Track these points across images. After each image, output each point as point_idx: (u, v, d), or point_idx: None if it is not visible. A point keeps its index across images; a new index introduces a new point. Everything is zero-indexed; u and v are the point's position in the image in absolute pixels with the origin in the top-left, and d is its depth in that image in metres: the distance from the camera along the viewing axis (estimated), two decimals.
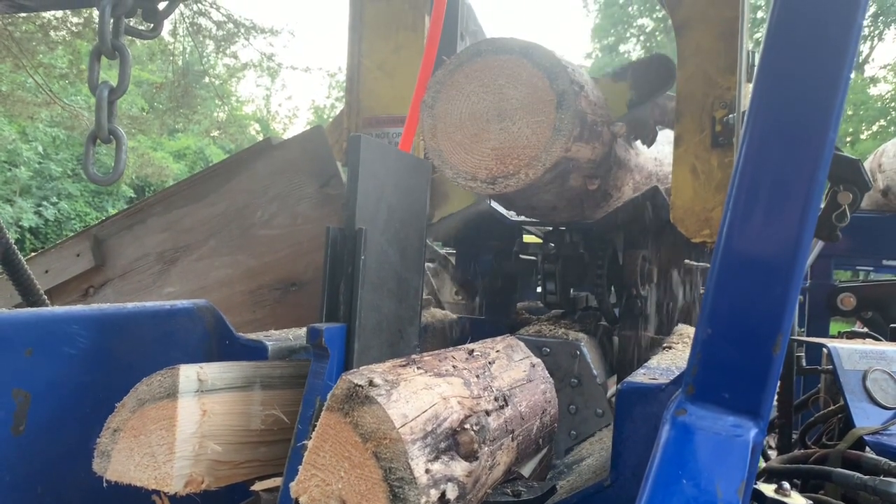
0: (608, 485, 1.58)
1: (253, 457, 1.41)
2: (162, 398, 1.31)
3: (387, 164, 1.52)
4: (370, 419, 1.08)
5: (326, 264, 1.43)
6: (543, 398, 1.68)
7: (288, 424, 1.45)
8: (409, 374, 1.22)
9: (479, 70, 2.02)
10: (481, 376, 1.44)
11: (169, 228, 2.82)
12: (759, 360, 0.82)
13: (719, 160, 2.33)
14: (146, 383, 1.33)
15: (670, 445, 0.77)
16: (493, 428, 1.33)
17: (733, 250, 0.84)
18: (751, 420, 0.83)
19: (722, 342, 0.84)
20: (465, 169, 1.99)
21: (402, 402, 1.12)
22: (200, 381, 1.34)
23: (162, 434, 1.29)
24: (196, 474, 1.30)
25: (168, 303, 1.84)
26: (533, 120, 1.98)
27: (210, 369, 1.38)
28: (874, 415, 2.02)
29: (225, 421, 1.36)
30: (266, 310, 2.72)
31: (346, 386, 1.11)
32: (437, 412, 1.18)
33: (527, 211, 2.54)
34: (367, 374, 1.14)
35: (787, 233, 0.81)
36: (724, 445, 0.78)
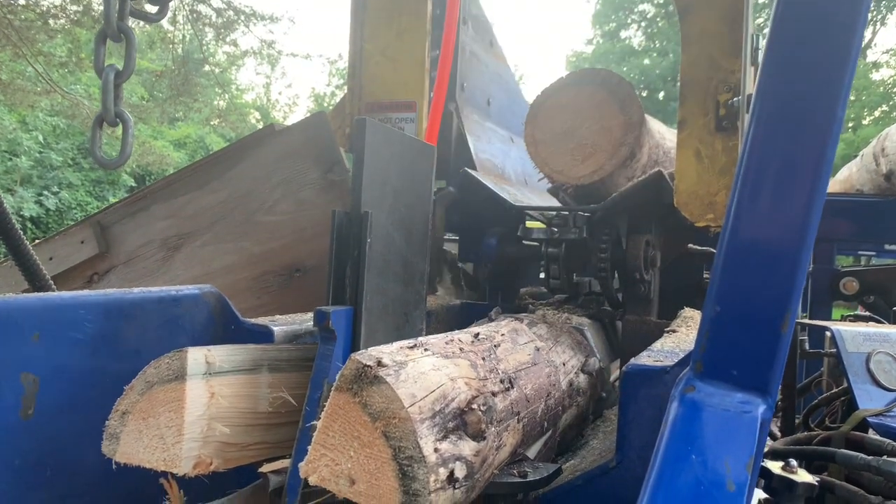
0: (613, 466, 1.59)
1: (261, 439, 1.42)
2: (170, 381, 1.31)
3: (392, 147, 1.52)
4: (379, 399, 1.09)
5: (332, 248, 1.43)
6: (548, 381, 1.69)
7: (295, 407, 1.46)
8: (416, 356, 1.22)
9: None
10: (487, 359, 1.44)
11: (172, 215, 2.82)
12: (767, 338, 0.83)
13: (723, 144, 2.33)
14: (154, 366, 1.34)
15: (679, 422, 0.78)
16: (500, 409, 1.34)
17: (742, 228, 0.84)
18: (759, 397, 0.83)
19: (730, 320, 0.84)
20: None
21: (411, 382, 1.13)
22: (208, 364, 1.35)
23: (170, 416, 1.29)
24: (204, 456, 1.31)
25: (173, 288, 1.84)
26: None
27: (218, 352, 1.39)
28: (877, 397, 2.03)
29: (233, 403, 1.37)
30: (270, 296, 2.73)
31: (355, 366, 1.11)
32: (445, 392, 1.19)
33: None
34: (376, 354, 1.14)
35: (795, 211, 0.81)
36: (733, 422, 0.78)
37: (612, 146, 2.57)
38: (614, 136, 2.58)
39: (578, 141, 2.62)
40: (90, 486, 1.56)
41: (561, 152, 2.65)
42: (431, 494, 1.07)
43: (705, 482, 0.72)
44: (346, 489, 1.11)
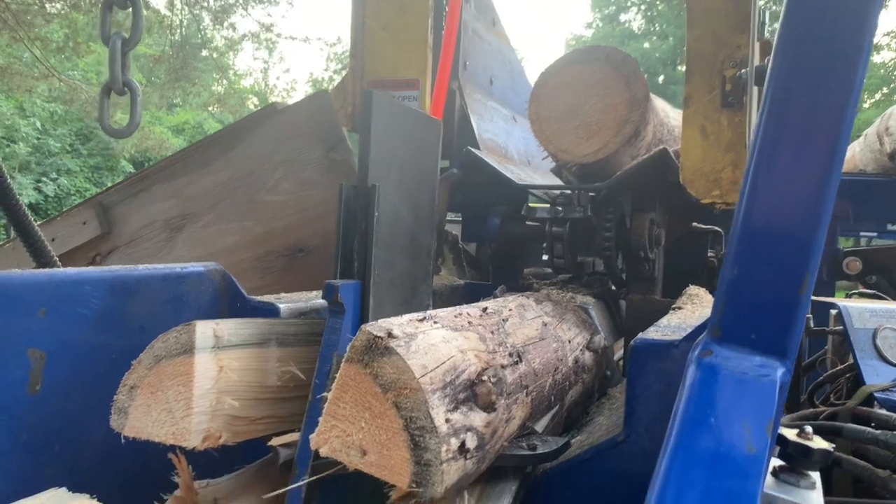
0: (621, 440, 1.58)
1: (270, 413, 1.41)
2: (178, 354, 1.30)
3: (399, 121, 1.50)
4: (390, 370, 1.08)
5: (340, 221, 1.42)
6: (556, 356, 1.69)
7: (304, 381, 1.45)
8: (426, 328, 1.21)
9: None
10: (496, 332, 1.44)
11: (174, 196, 2.81)
12: (786, 301, 0.82)
13: (729, 120, 2.32)
14: (162, 340, 1.33)
15: (696, 386, 0.77)
16: (509, 382, 1.33)
17: (760, 189, 0.83)
18: (777, 360, 0.82)
19: (749, 283, 0.83)
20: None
21: (421, 353, 1.12)
22: (216, 338, 1.34)
23: (179, 390, 1.29)
24: (213, 429, 1.30)
25: (178, 265, 1.83)
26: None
27: (226, 326, 1.38)
28: (884, 372, 2.03)
29: (241, 377, 1.36)
30: (274, 276, 2.73)
31: (366, 337, 1.10)
32: (455, 364, 1.18)
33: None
34: (386, 325, 1.13)
35: (815, 170, 0.80)
36: (752, 385, 0.77)
37: (617, 124, 2.56)
38: (619, 113, 2.56)
39: (583, 119, 2.60)
40: (98, 462, 1.56)
41: (565, 130, 2.63)
42: (443, 464, 1.07)
43: (725, 445, 0.71)
44: (357, 460, 1.11)
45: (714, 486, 0.68)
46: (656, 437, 1.55)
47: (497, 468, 1.41)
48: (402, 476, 1.08)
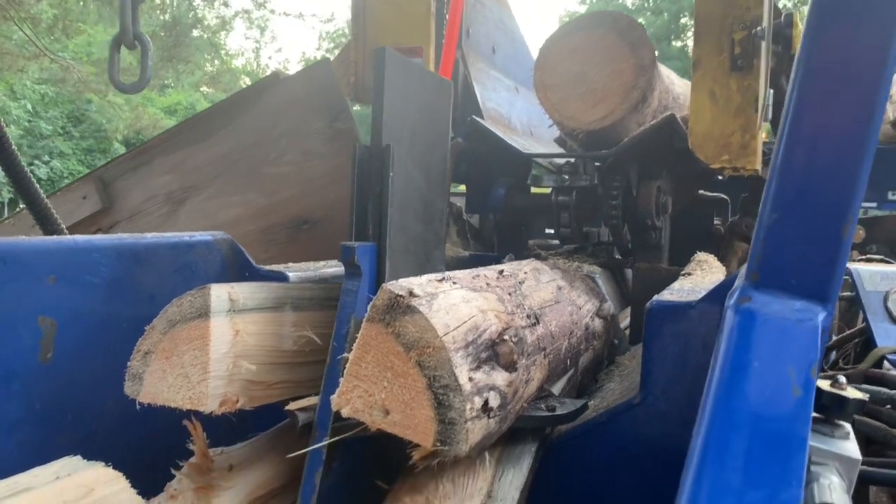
0: (637, 402, 1.57)
1: (286, 377, 1.40)
2: (193, 318, 1.28)
3: (411, 81, 1.47)
4: (412, 328, 1.06)
5: (354, 183, 1.39)
6: (570, 320, 1.67)
7: (320, 346, 1.43)
8: (445, 288, 1.20)
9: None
10: (513, 294, 1.42)
11: (175, 169, 2.78)
12: (827, 243, 0.80)
13: (738, 84, 2.29)
14: (176, 304, 1.31)
15: (736, 332, 0.75)
16: (529, 343, 1.32)
17: (800, 128, 0.81)
18: (818, 304, 0.81)
19: (789, 227, 0.82)
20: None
21: (443, 312, 1.10)
22: (232, 301, 1.32)
23: (195, 354, 1.26)
24: (230, 394, 1.28)
25: (187, 234, 1.81)
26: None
27: (241, 289, 1.36)
28: (895, 335, 2.02)
29: (257, 341, 1.34)
30: (278, 248, 2.70)
31: (387, 296, 1.08)
32: (477, 323, 1.16)
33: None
34: (407, 285, 1.12)
35: (858, 105, 0.78)
36: (793, 329, 0.76)
37: (624, 90, 2.53)
38: (626, 79, 2.53)
39: (589, 85, 2.57)
40: (111, 431, 1.54)
41: (571, 97, 2.60)
42: (468, 423, 1.06)
43: (770, 389, 0.70)
44: (380, 420, 1.09)
45: (762, 430, 0.67)
46: (672, 399, 1.54)
47: (516, 430, 1.40)
48: (427, 435, 1.07)
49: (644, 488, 1.55)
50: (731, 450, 0.65)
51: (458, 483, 1.25)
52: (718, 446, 0.66)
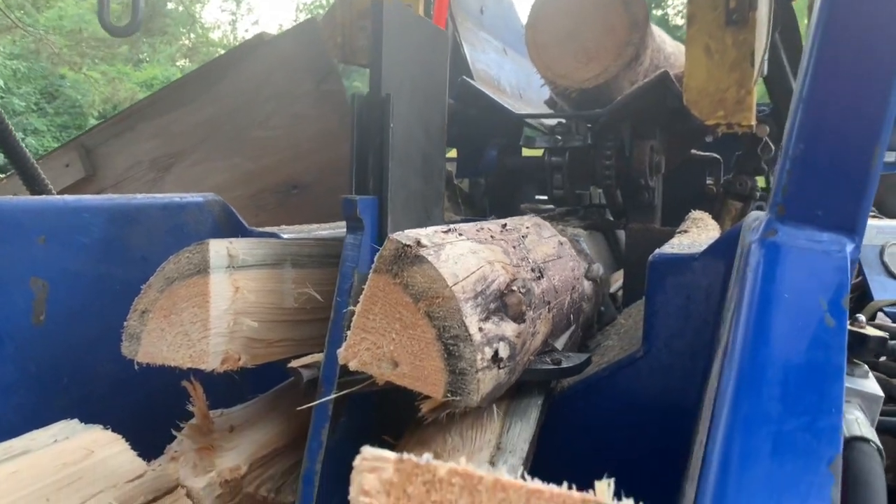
0: (640, 356, 1.57)
1: (287, 335, 1.37)
2: (192, 275, 1.24)
3: (409, 30, 1.42)
4: (421, 279, 1.04)
5: (354, 135, 1.35)
6: (572, 275, 1.66)
7: (321, 303, 1.41)
8: (452, 239, 1.17)
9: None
10: (517, 248, 1.40)
11: (160, 134, 2.72)
12: (855, 174, 0.78)
13: (733, 38, 2.26)
14: (173, 262, 1.27)
15: (764, 265, 0.73)
16: (535, 295, 1.30)
17: (827, 56, 0.79)
18: (846, 236, 0.79)
19: (816, 157, 0.80)
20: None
21: (451, 262, 1.08)
22: (231, 257, 1.28)
23: (194, 311, 1.23)
24: (232, 351, 1.25)
25: (178, 195, 1.77)
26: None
27: (240, 245, 1.33)
28: (892, 287, 2.03)
29: (258, 298, 1.31)
30: (268, 214, 2.66)
31: (394, 246, 1.05)
32: (485, 274, 1.14)
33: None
34: (414, 235, 1.09)
35: (889, 31, 0.75)
36: (822, 261, 0.74)
37: (617, 47, 2.49)
38: (619, 36, 2.49)
39: (581, 43, 2.53)
40: (108, 393, 1.51)
41: (564, 55, 2.56)
42: (478, 373, 1.04)
43: (802, 320, 0.69)
44: (388, 372, 1.07)
45: (798, 360, 0.65)
46: (676, 351, 1.53)
47: (522, 384, 1.38)
48: (437, 386, 1.05)
49: (647, 440, 1.55)
50: (767, 380, 0.64)
51: (466, 436, 1.23)
52: (754, 377, 0.64)
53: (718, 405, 0.65)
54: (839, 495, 0.57)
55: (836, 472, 0.58)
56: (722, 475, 0.61)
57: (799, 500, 0.57)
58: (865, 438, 0.83)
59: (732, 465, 0.61)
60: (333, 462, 1.31)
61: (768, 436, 0.60)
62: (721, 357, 0.83)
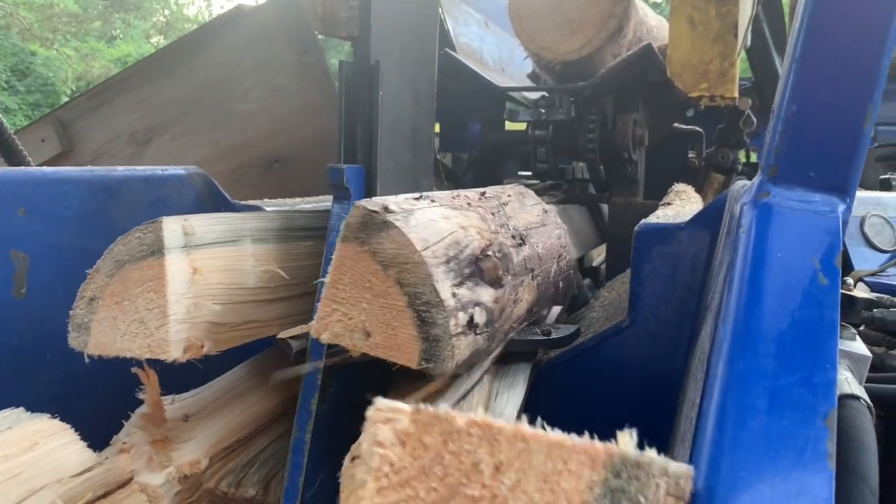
0: (626, 326, 1.58)
1: (251, 317, 1.30)
2: (145, 257, 1.16)
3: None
4: (389, 245, 1.01)
5: (341, 105, 1.34)
6: (559, 242, 1.65)
7: (286, 281, 1.36)
8: (423, 205, 1.14)
9: None
10: (496, 214, 1.37)
11: (138, 108, 2.67)
12: (847, 135, 0.79)
13: (717, 10, 2.25)
14: (122, 243, 1.18)
15: (756, 226, 0.74)
16: (515, 262, 1.29)
17: (820, 16, 0.79)
18: (838, 197, 0.80)
19: (807, 118, 0.80)
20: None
21: (421, 228, 1.05)
22: (187, 236, 1.20)
23: (150, 297, 1.15)
24: (194, 338, 1.18)
25: (159, 168, 1.74)
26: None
27: (196, 221, 1.24)
28: (872, 258, 2.06)
29: (218, 279, 1.23)
30: (249, 188, 2.63)
31: (360, 213, 1.02)
32: (458, 239, 1.11)
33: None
34: (381, 201, 1.06)
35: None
36: (814, 221, 0.75)
37: (601, 18, 2.48)
38: (602, 7, 2.48)
39: (565, 15, 2.52)
40: (94, 368, 1.49)
41: (547, 27, 2.55)
42: (453, 339, 1.01)
43: (796, 279, 0.69)
44: (361, 343, 1.04)
45: (792, 318, 0.66)
46: (662, 320, 1.55)
47: (510, 354, 1.39)
48: (411, 355, 1.02)
49: (634, 409, 1.56)
50: (762, 337, 0.64)
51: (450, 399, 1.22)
52: (749, 334, 0.65)
53: (713, 363, 0.65)
54: (834, 448, 0.58)
55: (832, 426, 0.58)
56: (718, 431, 0.61)
57: (795, 453, 0.58)
58: (856, 396, 0.85)
59: (728, 421, 0.61)
60: (321, 432, 1.31)
61: (764, 391, 0.61)
62: (711, 319, 0.84)
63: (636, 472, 0.52)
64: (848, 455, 0.77)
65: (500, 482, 0.49)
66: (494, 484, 0.49)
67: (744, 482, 0.57)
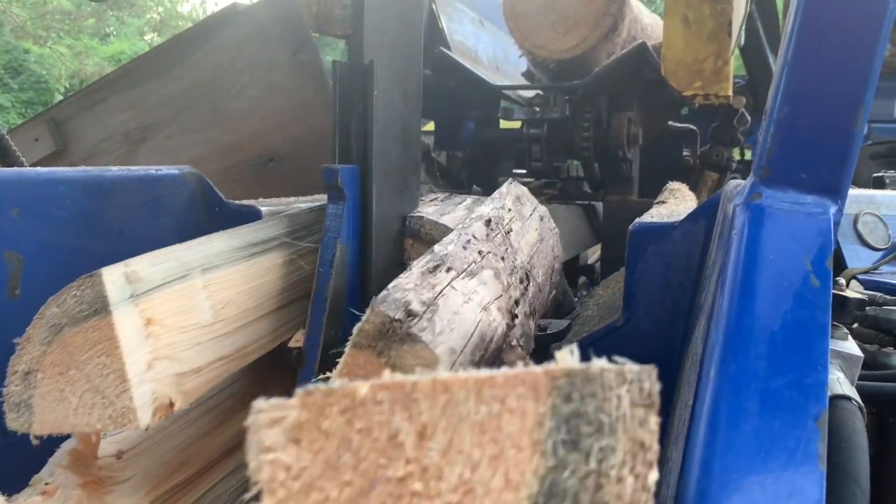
0: (620, 325, 1.58)
1: (215, 355, 1.18)
2: (87, 317, 1.01)
3: None
4: (412, 361, 0.88)
5: (336, 103, 1.34)
6: (552, 255, 1.62)
7: (249, 304, 1.26)
8: (442, 284, 1.01)
9: None
10: (506, 257, 1.29)
11: (133, 106, 2.66)
12: (839, 137, 0.79)
13: (711, 8, 2.26)
14: (56, 304, 1.04)
15: (748, 228, 0.74)
16: (529, 331, 1.22)
17: (812, 18, 0.79)
18: (830, 199, 0.80)
19: (799, 120, 0.80)
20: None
21: (447, 331, 0.93)
22: (132, 284, 1.06)
23: (103, 361, 1.01)
24: (162, 396, 1.05)
25: (153, 168, 1.74)
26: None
27: (139, 265, 1.11)
28: (865, 256, 2.07)
29: (175, 322, 1.11)
30: (244, 188, 2.62)
31: (380, 320, 0.89)
32: (483, 332, 1.01)
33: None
34: (401, 298, 0.93)
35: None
36: (806, 223, 0.75)
37: (596, 17, 2.49)
38: (597, 5, 2.49)
39: (560, 13, 2.52)
40: None
41: (542, 25, 2.55)
42: None
43: (788, 280, 0.70)
44: None
45: (784, 319, 0.66)
46: (656, 319, 1.55)
47: None
48: None
49: None
50: (754, 339, 0.65)
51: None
52: (740, 336, 0.65)
53: (705, 365, 0.66)
54: (825, 450, 0.58)
55: (823, 428, 0.59)
56: (710, 433, 0.62)
57: (786, 454, 0.58)
58: (847, 397, 0.85)
59: (721, 424, 0.62)
60: None
61: (756, 393, 0.61)
62: (704, 319, 0.84)
63: (589, 388, 0.44)
64: (839, 456, 0.77)
65: (428, 449, 0.40)
66: (421, 454, 0.40)
67: (736, 484, 0.57)
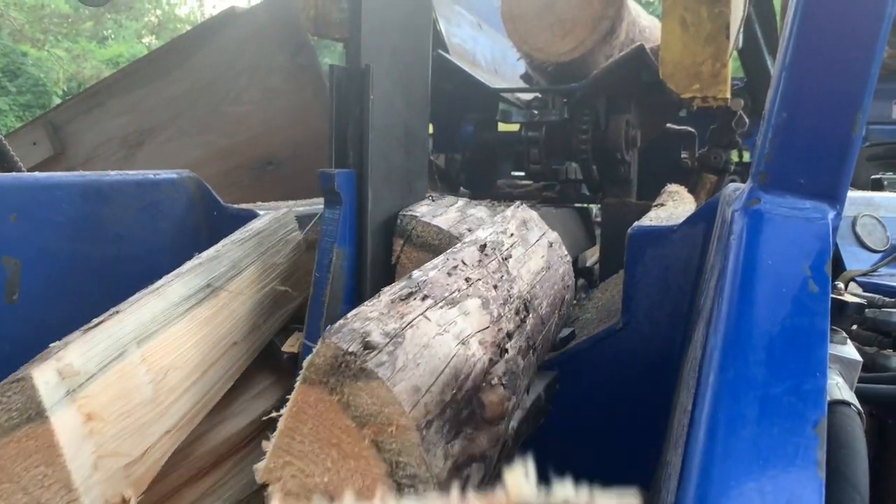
0: (620, 328, 1.58)
1: (163, 429, 1.11)
2: (19, 425, 0.92)
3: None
4: (368, 399, 0.79)
5: (332, 107, 1.33)
6: (562, 284, 1.54)
7: (189, 367, 1.20)
8: (413, 315, 0.91)
9: None
10: (499, 286, 1.18)
11: (131, 110, 2.66)
12: (837, 142, 0.79)
13: (709, 11, 2.26)
14: None
15: (747, 233, 0.74)
16: (522, 366, 1.10)
17: (810, 24, 0.79)
18: (828, 204, 0.80)
19: (798, 125, 0.80)
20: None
21: (412, 367, 0.83)
22: (67, 379, 0.98)
23: (42, 472, 0.93)
24: (113, 495, 0.99)
25: (151, 172, 1.74)
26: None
27: (72, 355, 1.02)
28: (864, 258, 2.07)
29: (116, 410, 1.03)
30: (242, 191, 2.62)
31: (332, 353, 0.79)
32: (457, 369, 0.90)
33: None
34: (360, 328, 0.84)
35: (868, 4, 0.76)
36: (805, 228, 0.75)
37: (593, 20, 2.49)
38: (595, 8, 2.49)
39: (558, 16, 2.52)
40: None
41: (540, 28, 2.55)
42: None
43: (787, 285, 0.70)
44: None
45: (782, 326, 0.66)
46: (655, 322, 1.55)
47: None
48: None
49: (627, 410, 1.57)
50: (752, 345, 0.64)
51: None
52: (739, 342, 0.65)
53: (704, 371, 0.66)
54: (824, 456, 0.58)
55: (822, 434, 0.59)
56: (709, 440, 0.62)
57: (785, 461, 0.58)
58: (846, 402, 0.85)
59: (720, 430, 0.61)
60: None
61: (754, 400, 0.61)
62: (703, 324, 0.84)
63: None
64: (838, 461, 0.77)
65: None
66: None
67: (735, 490, 0.57)
